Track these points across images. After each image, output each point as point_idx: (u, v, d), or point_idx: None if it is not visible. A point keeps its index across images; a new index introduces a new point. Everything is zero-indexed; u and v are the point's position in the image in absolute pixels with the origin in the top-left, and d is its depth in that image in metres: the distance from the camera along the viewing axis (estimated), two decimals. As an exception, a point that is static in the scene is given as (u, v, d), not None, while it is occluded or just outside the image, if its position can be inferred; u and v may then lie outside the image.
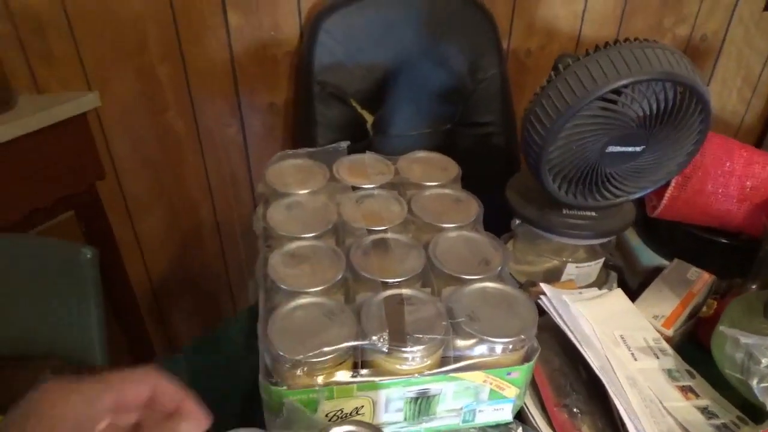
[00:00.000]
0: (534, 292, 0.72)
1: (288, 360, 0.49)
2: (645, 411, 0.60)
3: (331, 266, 0.59)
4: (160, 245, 1.45)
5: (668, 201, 0.80)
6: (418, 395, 0.54)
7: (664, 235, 0.89)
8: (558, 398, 0.65)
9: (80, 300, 0.90)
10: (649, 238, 0.91)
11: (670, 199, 0.80)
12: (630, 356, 0.67)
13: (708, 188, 0.77)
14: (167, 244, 1.45)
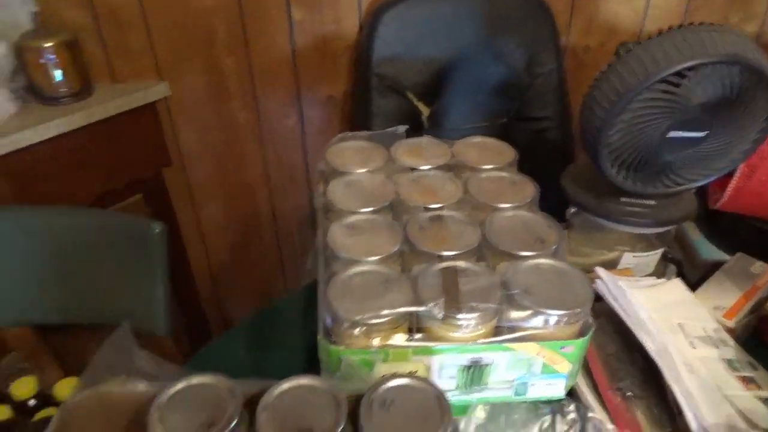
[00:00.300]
0: (590, 278, 0.72)
1: (347, 320, 0.51)
2: (703, 397, 0.59)
3: (388, 238, 0.61)
4: (219, 231, 1.51)
5: (732, 192, 0.78)
6: (471, 364, 0.55)
7: (726, 229, 0.86)
8: (612, 382, 0.65)
9: (149, 272, 0.95)
10: (711, 232, 0.89)
11: (734, 190, 0.78)
12: (688, 344, 0.66)
13: (775, 178, 0.75)
14: (226, 230, 1.51)
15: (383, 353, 0.53)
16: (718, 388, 0.61)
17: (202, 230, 1.50)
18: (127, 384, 0.48)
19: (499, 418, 0.61)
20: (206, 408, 0.42)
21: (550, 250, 0.60)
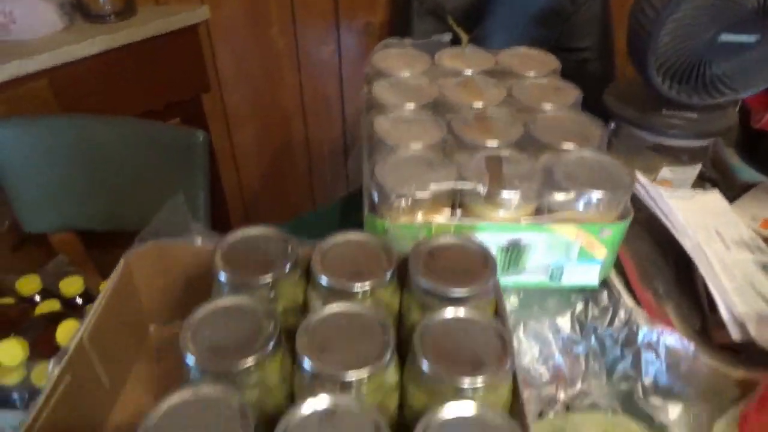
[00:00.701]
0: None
1: (394, 192, 0.53)
2: (735, 291, 0.60)
3: (432, 130, 0.63)
4: (253, 157, 1.54)
5: (777, 108, 0.77)
6: (510, 245, 0.57)
7: (765, 154, 0.86)
8: (644, 282, 0.67)
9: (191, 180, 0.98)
10: (750, 156, 0.89)
11: (779, 107, 0.77)
12: (723, 247, 0.67)
13: (824, 93, 0.74)
14: (259, 157, 1.54)
15: (427, 229, 0.55)
16: (751, 285, 0.62)
17: (236, 156, 1.53)
18: (186, 238, 0.51)
19: (532, 306, 0.63)
20: (265, 253, 0.45)
21: (592, 144, 0.61)
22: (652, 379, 0.59)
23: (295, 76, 1.43)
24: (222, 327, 0.39)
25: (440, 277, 0.43)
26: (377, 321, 0.40)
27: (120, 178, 1.05)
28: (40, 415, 0.38)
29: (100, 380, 0.46)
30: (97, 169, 1.05)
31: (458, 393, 0.36)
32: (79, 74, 1.18)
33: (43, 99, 1.14)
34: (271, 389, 0.39)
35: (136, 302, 0.52)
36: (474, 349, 0.38)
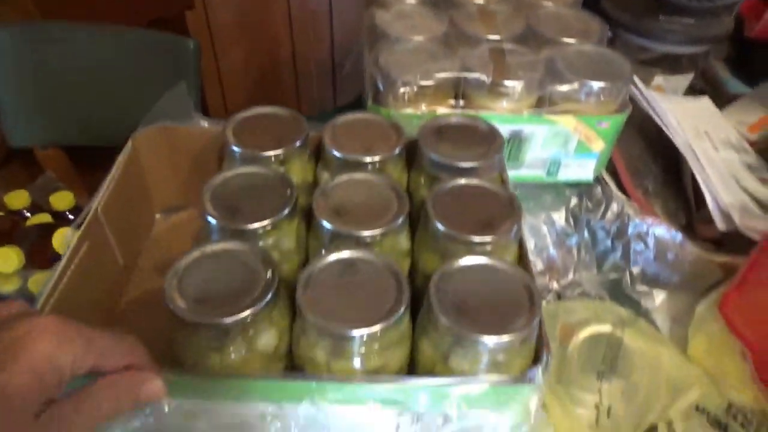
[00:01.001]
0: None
1: (400, 80, 0.54)
2: (721, 184, 0.63)
3: (435, 23, 0.62)
4: (239, 79, 1.50)
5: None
6: (511, 136, 0.58)
7: (757, 62, 0.87)
8: (634, 180, 0.69)
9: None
10: (739, 69, 0.90)
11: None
12: (711, 147, 0.69)
13: (817, 0, 0.75)
14: (246, 78, 1.51)
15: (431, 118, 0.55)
16: (736, 180, 0.65)
17: (221, 75, 1.49)
18: (191, 122, 0.51)
19: (529, 201, 0.65)
20: (276, 129, 0.46)
21: (592, 39, 0.61)
22: (640, 268, 0.62)
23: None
24: (240, 193, 0.40)
25: (449, 151, 0.44)
26: (390, 187, 0.41)
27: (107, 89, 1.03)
28: (63, 275, 0.39)
29: (114, 254, 0.47)
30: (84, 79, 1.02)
31: (469, 251, 0.38)
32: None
33: (24, 8, 1.09)
34: (286, 254, 0.41)
35: (143, 186, 0.53)
36: (483, 213, 0.40)
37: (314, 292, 0.34)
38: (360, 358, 0.34)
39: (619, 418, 0.50)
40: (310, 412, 0.34)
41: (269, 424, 0.36)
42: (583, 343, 0.55)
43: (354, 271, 0.36)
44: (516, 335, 0.33)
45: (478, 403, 0.34)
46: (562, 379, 0.52)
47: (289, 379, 0.34)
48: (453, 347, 0.35)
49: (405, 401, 0.34)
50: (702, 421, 0.50)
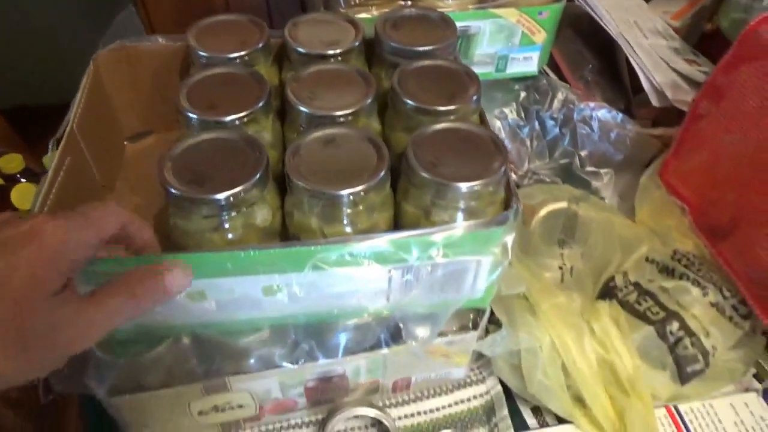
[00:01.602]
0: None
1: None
2: (654, 66, 0.68)
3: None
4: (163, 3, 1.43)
5: None
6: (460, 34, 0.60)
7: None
8: (575, 72, 0.73)
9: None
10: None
11: None
12: (642, 35, 0.74)
13: None
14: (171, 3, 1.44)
15: (382, 20, 0.57)
16: (666, 63, 0.70)
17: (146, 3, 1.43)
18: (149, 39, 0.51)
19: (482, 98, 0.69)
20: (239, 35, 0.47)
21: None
22: (588, 151, 0.68)
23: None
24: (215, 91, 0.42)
25: (406, 38, 0.47)
26: (356, 72, 0.44)
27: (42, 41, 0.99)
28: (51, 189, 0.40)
29: (93, 173, 0.48)
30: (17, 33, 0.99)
31: (437, 121, 0.41)
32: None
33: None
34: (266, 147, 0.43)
35: (110, 110, 0.53)
36: (444, 88, 0.43)
37: (301, 163, 0.37)
38: (349, 220, 0.37)
39: (581, 275, 0.55)
40: (311, 277, 0.37)
41: (275, 294, 0.39)
42: (543, 219, 0.60)
43: (336, 144, 0.39)
44: (487, 180, 0.37)
45: (460, 248, 0.38)
46: (529, 251, 0.57)
47: (290, 246, 0.37)
48: (433, 201, 0.38)
49: (395, 255, 0.37)
50: (652, 269, 0.56)
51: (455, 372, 0.52)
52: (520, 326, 0.49)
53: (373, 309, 0.41)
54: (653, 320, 0.50)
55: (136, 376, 0.42)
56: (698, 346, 0.49)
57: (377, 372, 0.48)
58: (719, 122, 0.56)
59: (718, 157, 0.57)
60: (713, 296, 0.53)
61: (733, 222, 0.55)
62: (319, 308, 0.41)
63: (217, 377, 0.43)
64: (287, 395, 0.48)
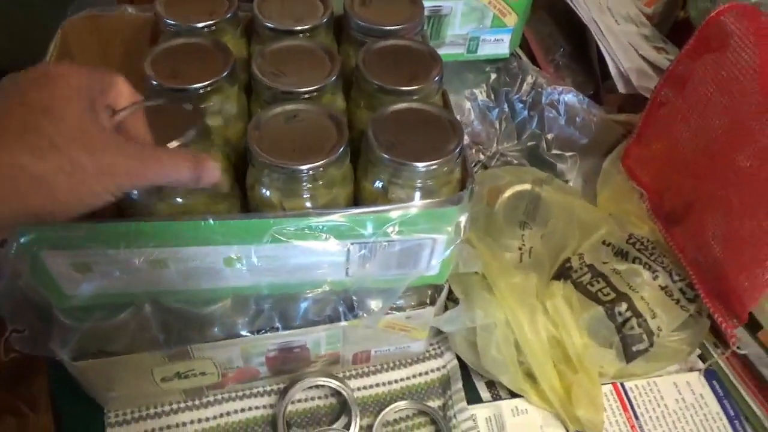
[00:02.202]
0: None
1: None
2: (622, 53, 0.69)
3: None
4: None
5: None
6: (431, 14, 0.61)
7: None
8: (546, 56, 0.74)
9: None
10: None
11: None
12: (613, 21, 0.75)
13: None
14: None
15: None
16: (634, 49, 0.71)
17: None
18: (120, 8, 0.51)
19: (453, 80, 0.70)
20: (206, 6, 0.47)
21: None
22: (554, 134, 0.69)
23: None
24: (180, 60, 0.42)
25: (374, 16, 0.47)
26: (322, 49, 0.44)
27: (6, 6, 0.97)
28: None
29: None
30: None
31: (399, 101, 0.42)
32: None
33: None
34: (230, 119, 0.43)
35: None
36: (408, 68, 0.44)
37: (264, 137, 0.38)
38: (309, 195, 0.38)
39: (540, 256, 0.57)
40: (270, 249, 0.38)
41: (235, 265, 0.40)
42: (507, 200, 0.62)
43: (298, 119, 0.39)
44: (442, 160, 0.38)
45: (416, 225, 0.39)
46: (490, 231, 0.59)
47: (248, 218, 0.38)
48: (391, 179, 0.39)
49: (353, 231, 0.38)
50: (608, 251, 0.58)
51: (414, 346, 0.54)
52: (476, 303, 0.50)
53: (331, 281, 0.43)
54: (603, 301, 0.52)
55: (99, 342, 0.43)
56: (644, 327, 0.51)
57: (337, 344, 0.50)
58: (678, 111, 0.58)
59: (676, 145, 0.59)
60: (662, 280, 0.55)
61: (687, 208, 0.57)
62: (279, 279, 0.42)
63: (179, 345, 0.44)
64: (249, 364, 0.49)
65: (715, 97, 0.54)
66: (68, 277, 0.38)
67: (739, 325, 0.51)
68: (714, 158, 0.54)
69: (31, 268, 0.36)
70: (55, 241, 0.36)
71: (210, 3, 0.47)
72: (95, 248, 0.36)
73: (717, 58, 0.54)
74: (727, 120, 0.53)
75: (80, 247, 0.36)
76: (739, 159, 0.51)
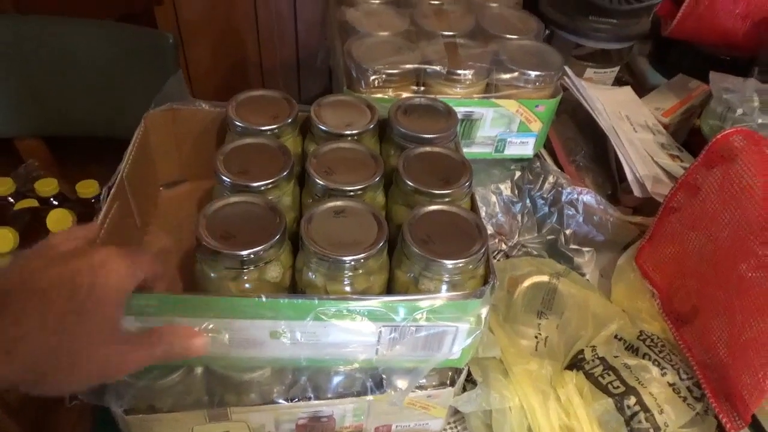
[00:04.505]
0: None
1: (370, 69, 0.63)
2: (638, 159, 0.75)
3: (396, 20, 0.72)
4: (206, 74, 1.57)
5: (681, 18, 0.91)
6: (464, 117, 0.68)
7: (673, 57, 1.01)
8: (568, 156, 0.81)
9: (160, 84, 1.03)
10: (658, 63, 1.04)
11: (682, 16, 0.91)
12: (632, 129, 0.81)
13: (718, 5, 0.88)
14: (212, 74, 1.57)
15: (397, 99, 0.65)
16: (651, 156, 0.77)
17: (189, 72, 1.55)
18: (194, 104, 0.59)
19: (480, 175, 0.76)
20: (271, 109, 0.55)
21: (531, 35, 0.73)
22: (572, 230, 0.74)
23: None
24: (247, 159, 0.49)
25: (414, 125, 0.54)
26: (368, 153, 0.51)
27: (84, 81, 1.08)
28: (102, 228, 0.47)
29: (134, 216, 0.55)
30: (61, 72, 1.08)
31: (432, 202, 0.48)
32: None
33: None
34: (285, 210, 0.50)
35: (151, 161, 0.60)
36: (442, 173, 0.50)
37: (314, 229, 0.44)
38: (350, 281, 0.44)
39: (554, 346, 0.61)
40: (312, 326, 0.44)
41: (279, 338, 0.45)
42: (526, 290, 0.67)
43: (344, 215, 0.46)
44: (468, 259, 0.43)
45: (442, 314, 0.44)
46: (509, 318, 0.63)
47: (296, 298, 0.43)
48: (422, 272, 0.45)
49: (385, 315, 0.44)
50: (619, 345, 0.62)
51: (432, 424, 0.57)
52: (493, 386, 0.54)
53: (362, 359, 0.47)
54: (613, 393, 0.56)
55: (149, 398, 0.48)
56: (651, 422, 0.54)
57: (361, 417, 0.53)
58: (687, 218, 0.63)
59: (684, 250, 0.63)
60: (671, 377, 0.58)
61: (694, 310, 0.61)
62: (316, 354, 0.47)
63: (219, 407, 0.49)
64: (280, 430, 0.53)
65: (721, 209, 0.59)
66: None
67: (743, 426, 0.54)
68: (719, 266, 0.58)
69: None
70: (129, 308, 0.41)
71: (274, 106, 0.55)
72: (164, 317, 0.42)
73: (725, 172, 0.59)
74: (731, 231, 0.57)
75: (151, 314, 0.42)
76: (741, 269, 0.55)
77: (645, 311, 0.66)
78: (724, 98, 0.73)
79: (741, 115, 0.71)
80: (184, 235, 0.58)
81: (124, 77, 1.07)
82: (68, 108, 1.10)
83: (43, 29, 1.05)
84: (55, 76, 1.07)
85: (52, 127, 1.13)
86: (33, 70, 1.07)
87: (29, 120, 1.12)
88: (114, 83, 1.08)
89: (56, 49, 1.05)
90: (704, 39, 0.95)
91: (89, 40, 1.05)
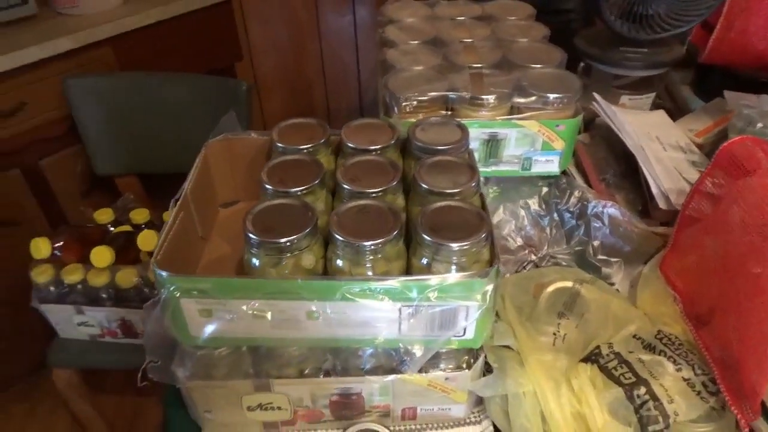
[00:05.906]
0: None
1: (403, 96, 0.73)
2: (665, 175, 0.79)
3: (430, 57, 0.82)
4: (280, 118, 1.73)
5: (713, 44, 0.95)
6: (490, 138, 0.76)
7: (712, 83, 1.04)
8: (599, 174, 0.85)
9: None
10: (698, 89, 1.07)
11: (714, 42, 0.94)
12: (661, 148, 0.85)
13: (750, 28, 0.91)
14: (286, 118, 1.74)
15: (427, 125, 0.74)
16: (678, 173, 0.81)
17: (265, 116, 1.73)
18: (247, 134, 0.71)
19: (509, 191, 0.82)
20: (308, 132, 0.65)
21: (554, 64, 0.80)
22: (599, 241, 0.78)
23: (316, 45, 1.62)
24: (287, 172, 0.59)
25: (430, 139, 0.63)
26: (389, 164, 0.60)
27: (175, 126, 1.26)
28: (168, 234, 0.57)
29: (196, 227, 0.66)
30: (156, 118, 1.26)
31: (443, 200, 0.56)
32: (136, 42, 1.39)
33: (107, 63, 1.35)
34: (318, 213, 0.59)
35: (211, 183, 0.72)
36: (453, 176, 0.58)
37: (340, 223, 0.52)
38: (371, 265, 0.52)
39: (572, 342, 0.65)
40: (341, 306, 0.52)
41: (314, 317, 0.53)
42: (549, 294, 0.71)
43: (366, 212, 0.54)
44: (472, 242, 0.50)
45: (451, 292, 0.51)
46: (531, 318, 0.68)
47: (326, 279, 0.52)
48: (433, 257, 0.52)
49: (402, 294, 0.51)
50: (637, 344, 0.65)
51: (455, 409, 0.63)
52: (508, 373, 0.59)
53: (386, 336, 0.54)
54: (624, 383, 0.59)
55: (207, 367, 0.57)
56: (660, 410, 0.57)
57: (388, 396, 0.60)
58: (704, 226, 0.66)
59: (703, 257, 0.66)
60: (686, 372, 0.60)
61: (712, 311, 0.64)
62: (346, 333, 0.54)
63: (263, 377, 0.57)
64: (315, 405, 0.61)
65: (729, 216, 0.62)
66: (195, 320, 0.53)
67: (755, 418, 0.55)
68: (732, 266, 0.61)
69: (171, 313, 0.52)
70: (189, 291, 0.51)
71: (310, 130, 0.65)
72: (218, 297, 0.51)
73: (730, 182, 0.63)
74: (743, 230, 0.60)
75: (208, 296, 0.51)
76: (750, 266, 0.58)
77: (668, 315, 0.68)
78: (745, 113, 0.76)
79: (761, 128, 0.73)
80: (239, 245, 0.68)
81: (205, 121, 1.23)
82: (159, 149, 1.28)
83: (140, 84, 1.24)
84: (148, 122, 1.25)
85: (146, 165, 1.31)
86: (130, 118, 1.26)
87: (127, 160, 1.31)
88: (196, 126, 1.24)
89: (150, 99, 1.24)
90: (739, 63, 0.97)
91: (177, 90, 1.23)
